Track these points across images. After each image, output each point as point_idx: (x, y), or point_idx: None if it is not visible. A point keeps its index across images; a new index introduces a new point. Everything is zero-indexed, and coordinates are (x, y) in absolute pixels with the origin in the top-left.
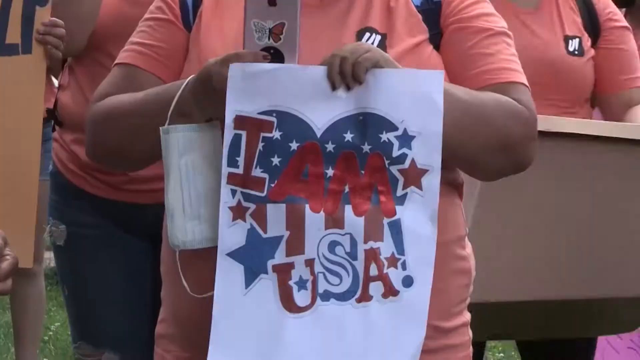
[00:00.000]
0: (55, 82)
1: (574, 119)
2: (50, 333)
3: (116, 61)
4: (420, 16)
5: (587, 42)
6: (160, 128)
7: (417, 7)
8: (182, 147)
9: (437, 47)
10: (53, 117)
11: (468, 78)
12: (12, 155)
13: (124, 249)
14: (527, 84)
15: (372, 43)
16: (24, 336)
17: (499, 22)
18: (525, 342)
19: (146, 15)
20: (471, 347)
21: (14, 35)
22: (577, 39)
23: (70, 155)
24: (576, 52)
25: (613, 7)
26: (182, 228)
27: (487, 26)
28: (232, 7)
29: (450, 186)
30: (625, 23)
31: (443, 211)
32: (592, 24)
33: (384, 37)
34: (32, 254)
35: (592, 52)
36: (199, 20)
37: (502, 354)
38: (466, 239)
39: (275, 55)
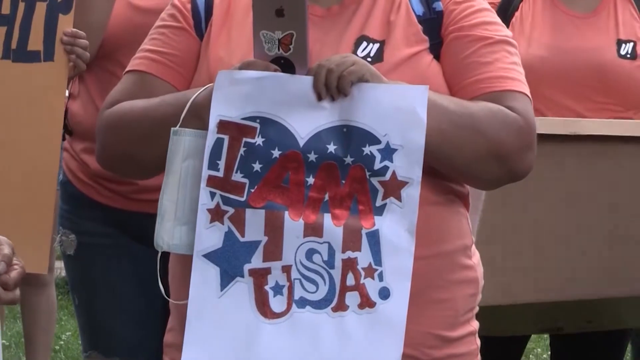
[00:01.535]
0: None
1: (592, 120)
2: (62, 342)
3: (128, 68)
4: (420, 26)
5: None
6: (172, 129)
7: (419, 16)
8: (187, 151)
9: (438, 57)
10: (63, 126)
11: (464, 87)
12: (31, 162)
13: (134, 258)
14: (526, 92)
15: (370, 51)
16: (35, 345)
17: (501, 31)
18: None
19: (158, 23)
20: (479, 355)
21: (35, 42)
22: (631, 43)
23: (80, 165)
24: (628, 56)
25: None
26: (170, 231)
27: (486, 35)
28: (240, 17)
29: (455, 196)
30: None
31: (446, 221)
32: None
33: (381, 45)
34: (47, 260)
35: None
36: (209, 29)
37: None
38: (473, 247)
39: (286, 65)
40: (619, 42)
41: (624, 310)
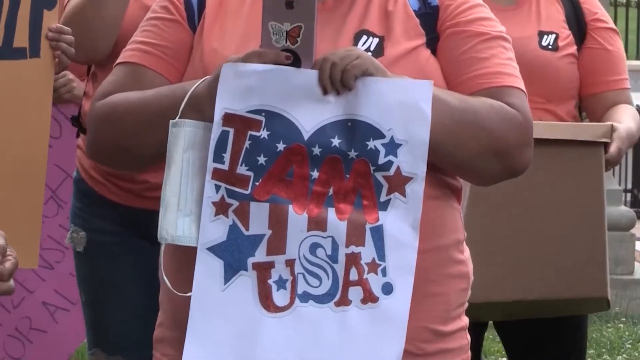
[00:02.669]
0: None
1: None
2: None
3: (119, 60)
4: (417, 20)
5: (567, 39)
6: (170, 121)
7: (414, 11)
8: (187, 143)
9: (434, 51)
10: (77, 125)
11: (462, 82)
12: (20, 158)
13: (144, 257)
14: (522, 87)
15: (370, 45)
16: None
17: (496, 27)
18: (502, 325)
19: (150, 15)
20: (469, 351)
21: (21, 38)
22: (554, 35)
23: (93, 163)
24: (550, 47)
25: (600, 9)
26: (174, 223)
27: (482, 30)
28: (234, 8)
29: (449, 190)
30: (612, 25)
31: (441, 215)
32: (578, 23)
33: (381, 39)
34: (37, 255)
35: (572, 49)
36: (202, 21)
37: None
38: (464, 243)
39: (292, 57)
40: (541, 34)
41: (535, 309)
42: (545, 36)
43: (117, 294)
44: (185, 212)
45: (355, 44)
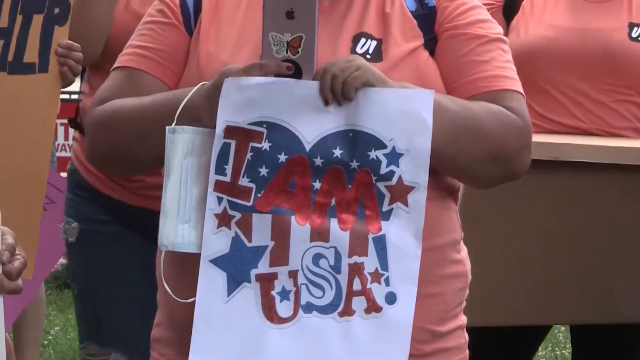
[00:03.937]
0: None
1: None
2: (50, 337)
3: (116, 65)
4: (415, 21)
5: None
6: (167, 127)
7: (411, 12)
8: (186, 149)
9: (432, 53)
10: (74, 125)
11: (461, 85)
12: (22, 169)
13: (136, 249)
14: (521, 91)
15: (368, 48)
16: (23, 340)
17: (495, 29)
18: (577, 330)
19: (146, 19)
20: (467, 350)
21: (31, 54)
22: None
23: None
24: (639, 39)
25: None
26: (174, 230)
27: (481, 33)
28: (229, 11)
29: (445, 191)
30: None
31: (438, 216)
32: None
33: (379, 42)
34: (32, 265)
35: None
36: (199, 24)
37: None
38: (461, 242)
39: (293, 68)
40: (631, 25)
41: None
42: (636, 28)
43: (110, 286)
44: (184, 219)
45: (354, 46)
